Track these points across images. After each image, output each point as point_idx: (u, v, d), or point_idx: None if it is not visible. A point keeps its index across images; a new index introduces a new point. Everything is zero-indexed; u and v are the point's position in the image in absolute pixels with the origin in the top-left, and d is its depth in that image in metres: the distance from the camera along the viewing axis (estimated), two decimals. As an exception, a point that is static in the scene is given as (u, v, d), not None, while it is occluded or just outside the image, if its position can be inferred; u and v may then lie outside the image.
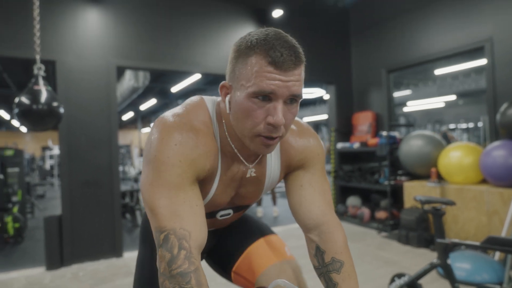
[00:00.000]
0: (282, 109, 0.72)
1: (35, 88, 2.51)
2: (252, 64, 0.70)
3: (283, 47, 0.70)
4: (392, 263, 3.19)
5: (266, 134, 0.73)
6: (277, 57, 0.69)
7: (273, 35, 0.71)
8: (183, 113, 0.82)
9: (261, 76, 0.69)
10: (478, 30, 3.62)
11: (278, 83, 0.69)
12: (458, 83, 9.91)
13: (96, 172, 3.61)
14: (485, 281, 2.56)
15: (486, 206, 3.14)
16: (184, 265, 0.68)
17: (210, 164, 0.81)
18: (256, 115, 0.72)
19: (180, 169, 0.74)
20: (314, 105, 13.64)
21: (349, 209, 4.95)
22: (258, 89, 0.69)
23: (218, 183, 0.86)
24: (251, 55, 0.71)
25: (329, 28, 5.14)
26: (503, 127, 3.13)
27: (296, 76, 0.71)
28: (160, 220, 0.72)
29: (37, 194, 9.21)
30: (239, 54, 0.73)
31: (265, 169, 0.92)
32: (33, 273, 3.28)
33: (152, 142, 0.76)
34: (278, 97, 0.71)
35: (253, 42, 0.71)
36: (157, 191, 0.73)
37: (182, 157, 0.75)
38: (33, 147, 18.27)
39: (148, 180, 0.75)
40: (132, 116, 16.18)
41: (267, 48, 0.69)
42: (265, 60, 0.69)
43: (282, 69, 0.69)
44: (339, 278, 0.86)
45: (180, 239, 0.70)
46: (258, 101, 0.71)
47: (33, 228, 5.46)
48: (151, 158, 0.75)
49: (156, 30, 3.95)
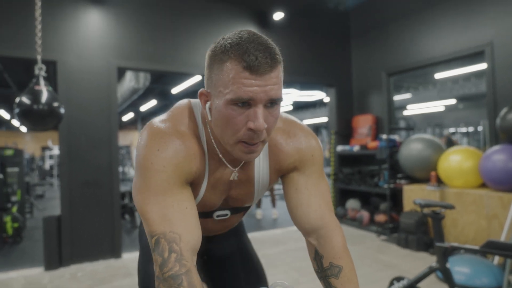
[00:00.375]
0: (263, 113, 0.70)
1: (36, 88, 2.51)
2: (228, 70, 0.68)
3: (257, 50, 0.67)
4: (391, 266, 3.19)
5: (248, 140, 0.72)
6: (252, 61, 0.66)
7: (247, 37, 0.69)
8: (168, 118, 0.82)
9: (237, 83, 0.67)
10: (478, 34, 3.63)
11: (256, 89, 0.67)
12: (458, 87, 9.93)
13: (96, 173, 3.61)
14: (484, 285, 2.56)
15: (486, 210, 3.13)
16: (175, 267, 0.68)
17: (196, 167, 0.81)
18: (236, 122, 0.71)
19: (165, 174, 0.75)
20: (314, 107, 13.65)
21: (348, 212, 4.94)
22: (236, 96, 0.68)
23: (207, 185, 0.86)
24: (225, 60, 0.69)
25: (330, 31, 5.16)
26: (503, 132, 3.14)
27: (274, 79, 0.69)
28: (151, 225, 0.73)
29: (36, 194, 9.20)
30: (214, 60, 0.72)
31: (253, 172, 0.90)
32: (31, 273, 3.28)
33: (138, 149, 0.78)
34: (257, 102, 0.69)
35: (227, 47, 0.69)
36: (146, 197, 0.74)
37: (165, 161, 0.75)
38: (32, 147, 18.27)
39: (136, 187, 0.77)
40: (132, 117, 16.20)
41: (241, 53, 0.67)
42: (240, 65, 0.67)
43: (258, 73, 0.67)
44: (338, 283, 0.85)
45: (170, 243, 0.70)
46: (237, 107, 0.69)
47: (32, 228, 5.45)
48: (137, 165, 0.77)
49: (157, 31, 3.96)
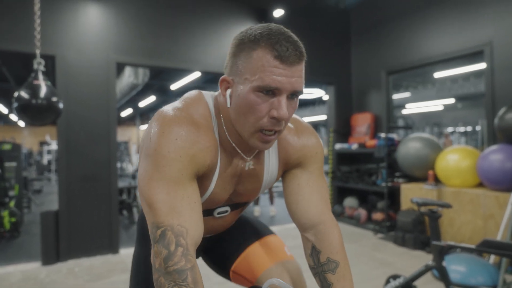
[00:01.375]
0: (286, 103, 0.73)
1: (34, 82, 2.50)
2: (258, 57, 0.70)
3: (288, 42, 0.70)
4: (388, 264, 3.21)
5: (269, 127, 0.74)
6: (283, 51, 0.69)
7: (277, 29, 0.72)
8: (183, 107, 0.81)
9: (266, 71, 0.69)
10: (478, 34, 3.63)
11: (283, 79, 0.70)
12: (457, 86, 9.94)
13: (94, 168, 3.61)
14: (480, 284, 2.58)
15: (482, 209, 3.15)
16: (181, 262, 0.67)
17: (210, 159, 0.80)
18: (260, 109, 0.72)
19: (181, 164, 0.73)
20: (314, 105, 13.65)
21: (346, 210, 4.96)
22: (264, 83, 0.70)
23: (217, 179, 0.85)
24: (255, 48, 0.70)
25: (330, 29, 5.15)
26: (501, 131, 3.15)
27: (299, 72, 0.72)
28: (158, 216, 0.71)
29: (34, 189, 9.19)
30: (242, 48, 0.73)
31: (263, 165, 0.91)
32: (29, 268, 3.28)
33: (152, 136, 0.74)
34: (283, 92, 0.71)
35: (257, 36, 0.71)
36: (156, 186, 0.72)
37: (182, 151, 0.73)
38: (30, 142, 18.22)
39: (147, 174, 0.73)
40: (131, 113, 16.16)
41: (272, 42, 0.69)
42: (271, 54, 0.69)
43: (288, 64, 0.70)
44: (334, 278, 0.86)
45: (177, 236, 0.69)
46: (262, 95, 0.71)
47: (29, 223, 5.45)
48: (151, 152, 0.73)
49: (157, 27, 3.95)
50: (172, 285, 0.66)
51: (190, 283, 0.66)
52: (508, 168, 2.97)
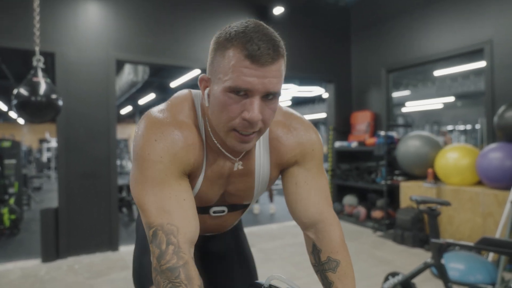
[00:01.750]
0: (259, 105, 0.70)
1: (34, 80, 2.50)
2: (229, 57, 0.68)
3: (261, 40, 0.67)
4: (387, 262, 3.21)
5: (241, 129, 0.72)
6: (254, 51, 0.66)
7: (252, 27, 0.68)
8: (167, 108, 0.81)
9: (237, 71, 0.67)
10: (478, 32, 3.62)
11: (254, 80, 0.67)
12: (457, 84, 9.94)
13: (94, 165, 3.61)
14: (478, 281, 2.59)
15: (481, 207, 3.16)
16: (173, 260, 0.68)
17: (194, 158, 0.80)
18: (232, 110, 0.70)
19: (162, 164, 0.73)
20: (313, 103, 13.64)
21: (345, 207, 4.97)
22: (234, 84, 0.68)
23: (203, 179, 0.85)
24: (228, 47, 0.68)
25: (330, 27, 5.14)
26: (500, 130, 3.15)
27: (274, 72, 0.68)
28: (148, 217, 0.72)
29: (33, 186, 9.19)
30: (217, 46, 0.71)
31: (253, 166, 0.89)
32: (28, 265, 3.29)
33: (135, 139, 0.77)
34: (254, 93, 0.69)
35: (231, 34, 0.68)
36: (143, 188, 0.73)
37: (162, 152, 0.74)
38: (30, 139, 18.19)
39: (133, 178, 0.75)
40: (131, 111, 16.14)
41: (244, 41, 0.66)
42: (241, 53, 0.66)
43: (259, 64, 0.66)
44: (335, 277, 0.86)
45: (167, 235, 0.70)
46: (234, 95, 0.69)
47: (29, 220, 5.45)
48: (134, 156, 0.75)
49: (157, 24, 3.94)
50: (166, 283, 0.67)
51: (184, 280, 0.67)
52: (507, 166, 2.98)
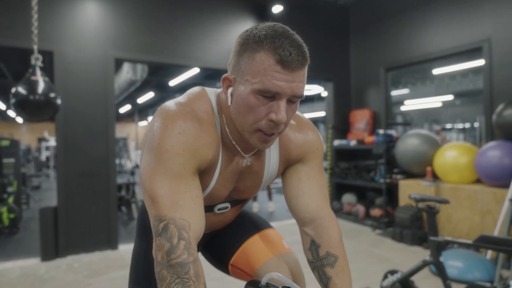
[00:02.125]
0: (285, 107, 0.73)
1: (32, 78, 2.49)
2: (260, 60, 0.70)
3: (291, 46, 0.69)
4: (386, 260, 3.22)
5: (267, 130, 0.74)
6: (286, 56, 0.68)
7: (282, 32, 0.71)
8: (186, 102, 0.81)
9: (267, 75, 0.69)
10: (476, 30, 3.63)
11: (284, 84, 0.70)
12: (456, 83, 9.95)
13: (93, 164, 3.60)
14: (477, 279, 2.60)
15: (480, 205, 3.17)
16: (184, 255, 0.68)
17: (212, 155, 0.81)
18: (259, 111, 0.73)
19: (183, 158, 0.74)
20: (312, 102, 13.64)
21: (344, 206, 4.97)
22: (264, 87, 0.70)
23: (218, 175, 0.86)
24: (258, 50, 0.70)
25: (329, 25, 5.13)
26: (498, 128, 3.16)
27: (301, 77, 0.72)
28: (160, 209, 0.71)
29: (32, 185, 9.19)
30: (245, 48, 0.72)
31: (263, 162, 0.92)
32: (27, 264, 3.29)
33: (155, 130, 0.75)
34: (282, 96, 0.71)
35: (261, 37, 0.70)
36: (159, 179, 0.72)
37: (185, 146, 0.74)
38: (29, 138, 18.17)
39: (149, 168, 0.74)
40: (130, 109, 16.12)
41: (276, 46, 0.69)
42: (273, 58, 0.69)
43: (289, 69, 0.69)
44: (333, 272, 0.87)
45: (180, 229, 0.70)
46: (262, 98, 0.72)
47: (28, 219, 5.45)
48: (154, 146, 0.74)
49: (155, 22, 3.93)
50: (174, 277, 0.66)
51: (192, 276, 0.67)
52: (505, 164, 2.99)
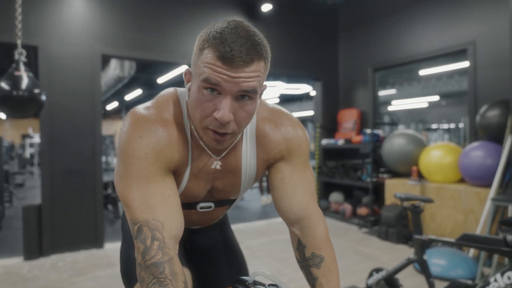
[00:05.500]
0: (231, 105, 0.70)
1: (15, 73, 2.44)
2: (204, 56, 0.70)
3: (234, 42, 0.67)
4: (371, 258, 3.27)
5: (213, 128, 0.73)
6: (226, 53, 0.66)
7: (231, 28, 0.69)
8: (152, 105, 0.82)
9: (209, 68, 0.68)
10: (462, 33, 3.70)
11: (225, 78, 0.68)
12: (442, 84, 10.12)
13: (78, 161, 3.55)
14: (459, 276, 2.65)
15: (463, 204, 3.23)
16: (157, 255, 0.68)
17: (179, 155, 0.81)
18: (205, 108, 0.71)
19: (147, 161, 0.74)
20: (301, 101, 13.70)
21: (331, 204, 5.01)
22: (205, 77, 0.69)
23: (189, 175, 0.86)
24: (205, 47, 0.70)
25: (318, 25, 5.16)
26: (482, 129, 3.23)
27: (248, 73, 0.68)
28: (133, 213, 0.72)
29: (16, 183, 8.99)
30: (198, 44, 0.73)
31: (239, 162, 0.89)
32: (10, 263, 3.22)
33: (120, 135, 0.77)
34: (226, 92, 0.69)
35: (210, 35, 0.70)
36: (127, 184, 0.74)
37: (147, 149, 0.75)
38: (12, 135, 17.75)
39: (118, 173, 0.76)
40: (117, 106, 15.90)
41: (218, 42, 0.67)
42: (214, 54, 0.68)
43: (231, 65, 0.67)
44: (319, 272, 0.87)
45: (152, 230, 0.70)
46: (208, 93, 0.70)
47: (11, 217, 5.33)
48: (119, 152, 0.76)
49: (144, 19, 3.89)
50: (151, 278, 0.67)
51: (168, 275, 0.67)
52: (488, 165, 3.05)
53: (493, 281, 1.67)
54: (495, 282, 1.66)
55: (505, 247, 1.63)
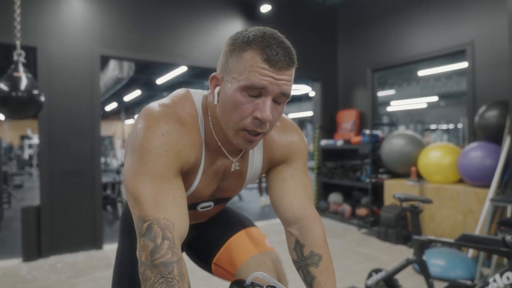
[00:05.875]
0: (271, 106, 0.74)
1: (14, 74, 2.44)
2: (247, 59, 0.72)
3: (279, 47, 0.71)
4: (371, 258, 3.27)
5: (252, 128, 0.75)
6: (273, 55, 0.70)
7: (271, 34, 0.73)
8: (170, 104, 0.82)
9: (254, 71, 0.71)
10: (460, 33, 3.70)
11: (270, 80, 0.71)
12: (441, 84, 10.14)
13: (77, 162, 3.54)
14: (458, 277, 2.66)
15: (462, 205, 3.24)
16: (167, 255, 0.68)
17: (195, 156, 0.82)
18: (244, 109, 0.73)
19: (166, 159, 0.74)
20: (300, 101, 13.71)
21: (331, 205, 5.01)
22: (250, 83, 0.71)
23: (201, 176, 0.87)
24: (247, 50, 0.72)
25: (317, 26, 5.17)
26: (480, 129, 3.23)
27: (288, 77, 0.73)
28: (144, 210, 0.71)
29: (14, 184, 8.97)
30: (234, 48, 0.74)
31: (247, 163, 0.93)
32: (9, 264, 3.21)
33: (138, 131, 0.75)
34: (268, 93, 0.73)
35: (250, 38, 0.72)
36: (142, 180, 0.73)
37: (168, 147, 0.75)
38: (11, 136, 17.72)
39: (133, 169, 0.74)
40: (116, 107, 15.89)
41: (263, 46, 0.71)
42: (260, 56, 0.71)
43: (276, 68, 0.71)
44: (317, 271, 0.88)
45: (163, 229, 0.70)
46: (248, 95, 0.73)
47: (10, 219, 5.32)
48: (137, 147, 0.74)
49: (143, 20, 3.88)
50: (158, 277, 0.66)
51: (176, 276, 0.67)
52: (487, 165, 3.06)
53: (492, 281, 1.67)
54: (494, 282, 1.66)
55: (504, 247, 1.64)
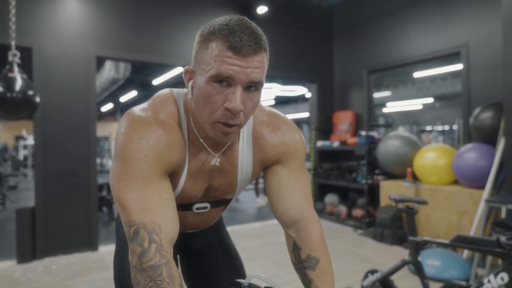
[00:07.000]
0: (241, 95, 0.71)
1: (9, 75, 2.42)
2: (212, 48, 0.70)
3: (243, 33, 0.69)
4: (367, 259, 3.27)
5: (224, 120, 0.73)
6: (236, 42, 0.68)
7: (236, 21, 0.71)
8: (149, 106, 0.82)
9: (219, 60, 0.69)
10: (455, 35, 3.73)
11: (237, 69, 0.69)
12: (436, 86, 10.20)
13: (73, 163, 3.52)
14: (453, 277, 2.67)
15: (457, 206, 3.26)
16: (155, 258, 0.68)
17: (177, 156, 0.81)
18: (215, 100, 0.72)
19: (146, 163, 0.74)
20: (296, 103, 13.72)
21: (327, 206, 5.02)
22: (216, 72, 0.69)
23: (187, 175, 0.86)
24: (212, 39, 0.71)
25: (313, 27, 5.18)
26: (475, 130, 3.26)
27: (256, 63, 0.71)
28: (129, 214, 0.71)
29: (9, 185, 8.89)
30: (201, 39, 0.74)
31: (236, 161, 0.91)
32: (3, 266, 3.18)
33: (118, 137, 0.76)
34: (237, 82, 0.70)
35: (215, 27, 0.71)
36: (125, 186, 0.73)
37: (147, 150, 0.74)
38: (5, 137, 17.59)
39: (116, 175, 0.75)
40: (112, 108, 15.82)
41: (227, 33, 0.69)
42: (224, 44, 0.69)
43: (241, 55, 0.69)
44: (314, 274, 0.87)
45: (150, 233, 0.70)
46: (217, 85, 0.71)
47: (4, 220, 5.28)
48: (117, 153, 0.75)
49: (139, 20, 3.88)
50: (148, 281, 0.66)
51: (166, 278, 0.66)
52: (481, 166, 3.08)
53: (486, 282, 1.68)
54: (489, 283, 1.67)
55: (498, 248, 1.65)
